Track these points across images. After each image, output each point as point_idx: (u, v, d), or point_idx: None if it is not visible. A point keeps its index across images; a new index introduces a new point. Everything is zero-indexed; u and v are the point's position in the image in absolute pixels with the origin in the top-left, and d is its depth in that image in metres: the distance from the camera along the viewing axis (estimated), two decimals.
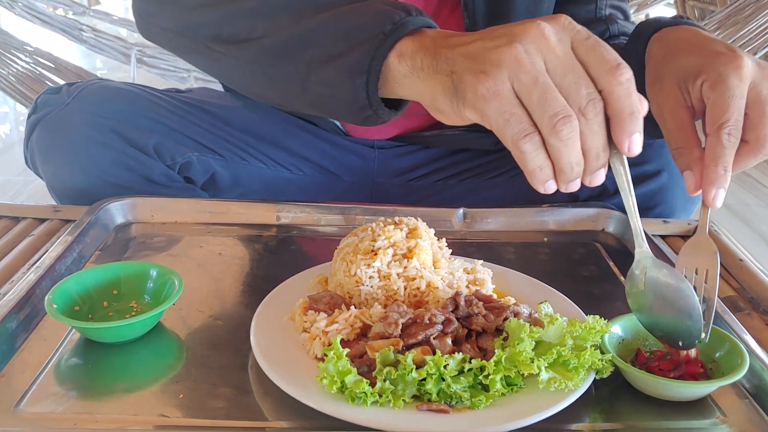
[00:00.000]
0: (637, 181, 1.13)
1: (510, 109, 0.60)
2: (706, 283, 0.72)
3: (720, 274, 0.97)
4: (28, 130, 1.12)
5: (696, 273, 0.73)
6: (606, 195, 1.15)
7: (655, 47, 0.85)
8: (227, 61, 0.84)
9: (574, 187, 0.62)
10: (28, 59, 2.39)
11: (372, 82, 0.70)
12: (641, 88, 0.86)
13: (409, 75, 0.68)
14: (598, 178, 0.63)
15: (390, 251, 0.77)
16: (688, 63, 0.76)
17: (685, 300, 0.67)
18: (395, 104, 0.74)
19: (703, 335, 0.69)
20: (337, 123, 1.25)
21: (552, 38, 0.60)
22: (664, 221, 1.11)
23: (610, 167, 0.64)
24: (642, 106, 0.61)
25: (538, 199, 1.12)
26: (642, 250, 0.70)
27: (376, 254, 0.77)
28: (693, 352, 0.69)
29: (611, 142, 0.61)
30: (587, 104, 0.59)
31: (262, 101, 1.09)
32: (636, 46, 0.89)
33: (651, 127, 0.83)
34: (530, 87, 0.59)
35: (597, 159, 0.61)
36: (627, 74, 0.59)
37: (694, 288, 0.72)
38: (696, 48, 0.77)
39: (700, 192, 0.72)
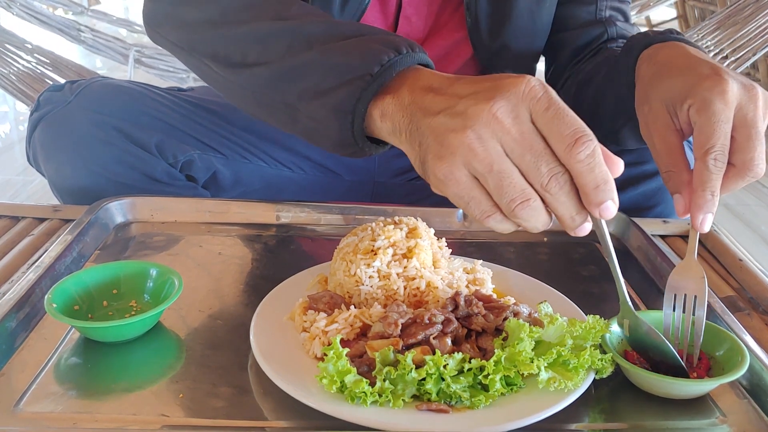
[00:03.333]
0: (637, 180, 1.14)
1: (468, 193, 0.61)
2: (694, 308, 0.72)
3: (719, 274, 0.97)
4: (30, 128, 1.12)
5: (685, 298, 0.73)
6: None
7: (644, 67, 0.86)
8: (223, 81, 0.85)
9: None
10: (28, 57, 2.38)
11: (357, 123, 0.71)
12: (630, 108, 0.87)
13: (391, 134, 0.69)
14: (582, 232, 0.62)
15: (390, 251, 0.77)
16: (675, 86, 0.76)
17: (664, 354, 0.68)
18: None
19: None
20: None
21: (506, 120, 0.59)
22: (664, 221, 1.11)
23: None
24: (615, 169, 0.60)
25: None
26: (625, 305, 0.70)
27: (375, 254, 0.77)
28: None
29: None
30: (549, 181, 0.59)
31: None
32: (626, 62, 0.90)
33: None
34: (485, 174, 0.59)
35: (572, 221, 0.61)
36: (587, 149, 0.57)
37: (683, 312, 0.72)
38: (682, 70, 0.77)
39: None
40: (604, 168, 0.58)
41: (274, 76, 0.78)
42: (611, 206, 0.59)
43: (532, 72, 1.21)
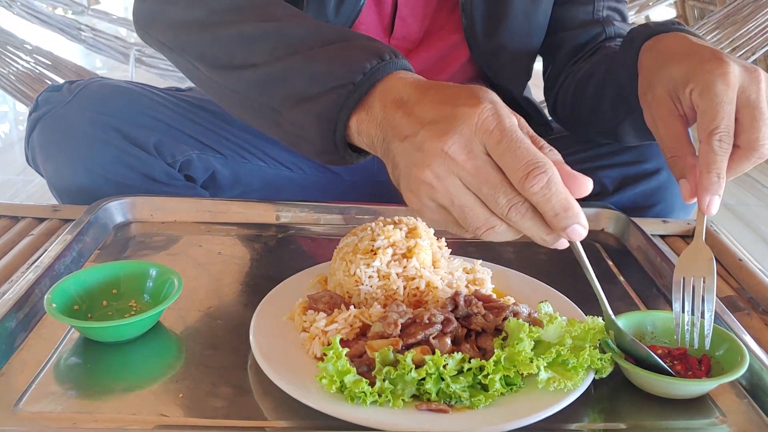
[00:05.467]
0: (637, 179, 1.14)
1: (442, 219, 0.63)
2: (704, 291, 0.72)
3: (719, 274, 0.97)
4: (29, 128, 1.12)
5: (693, 282, 0.73)
6: (606, 194, 1.15)
7: (646, 56, 0.86)
8: (210, 82, 0.86)
9: None
10: (28, 58, 2.38)
11: (339, 131, 0.71)
12: (631, 98, 0.87)
13: (369, 148, 0.71)
14: (560, 247, 0.62)
15: (389, 251, 0.77)
16: (677, 72, 0.76)
17: (650, 363, 0.68)
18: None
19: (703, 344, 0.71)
20: None
21: (459, 156, 0.59)
22: (663, 221, 1.11)
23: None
24: (580, 190, 0.59)
25: None
26: (607, 317, 0.71)
27: (375, 254, 0.77)
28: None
29: None
30: (508, 211, 0.59)
31: None
32: (628, 53, 0.90)
33: (647, 130, 0.83)
34: (449, 207, 0.61)
35: (544, 241, 0.61)
36: (540, 182, 0.57)
37: (693, 298, 0.72)
38: (683, 56, 0.77)
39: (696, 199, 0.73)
40: (563, 195, 0.57)
41: (260, 80, 0.78)
42: (578, 229, 0.59)
43: (529, 73, 1.21)
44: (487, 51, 1.11)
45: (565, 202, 0.58)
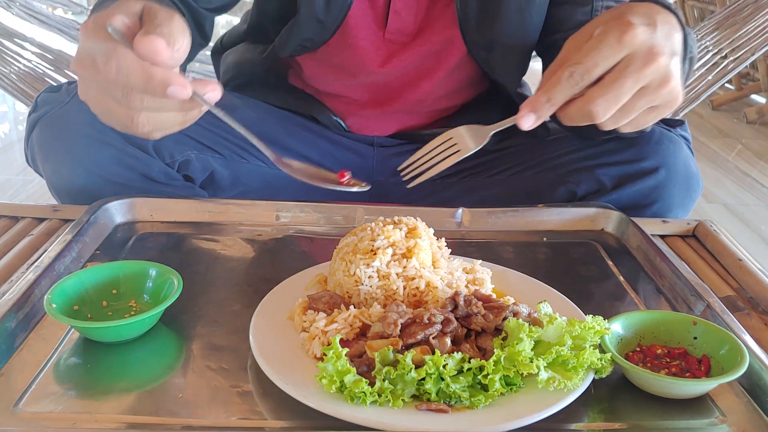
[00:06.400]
0: (635, 177, 1.13)
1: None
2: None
3: (719, 274, 0.97)
4: (28, 129, 1.13)
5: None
6: (604, 192, 1.15)
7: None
8: None
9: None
10: (29, 57, 2.38)
11: None
12: None
13: None
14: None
15: (389, 251, 0.77)
16: (612, 14, 0.74)
17: None
18: None
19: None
20: (338, 119, 1.26)
21: (91, 91, 0.69)
22: (663, 221, 1.11)
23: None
24: (151, 49, 0.63)
25: (537, 199, 1.12)
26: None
27: (375, 254, 0.77)
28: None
29: None
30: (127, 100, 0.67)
31: None
32: None
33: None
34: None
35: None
36: (112, 73, 0.64)
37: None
38: (633, 6, 0.75)
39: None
40: (137, 72, 0.63)
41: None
42: (175, 90, 0.64)
43: (524, 69, 1.21)
44: (482, 46, 1.11)
45: (143, 75, 0.62)
